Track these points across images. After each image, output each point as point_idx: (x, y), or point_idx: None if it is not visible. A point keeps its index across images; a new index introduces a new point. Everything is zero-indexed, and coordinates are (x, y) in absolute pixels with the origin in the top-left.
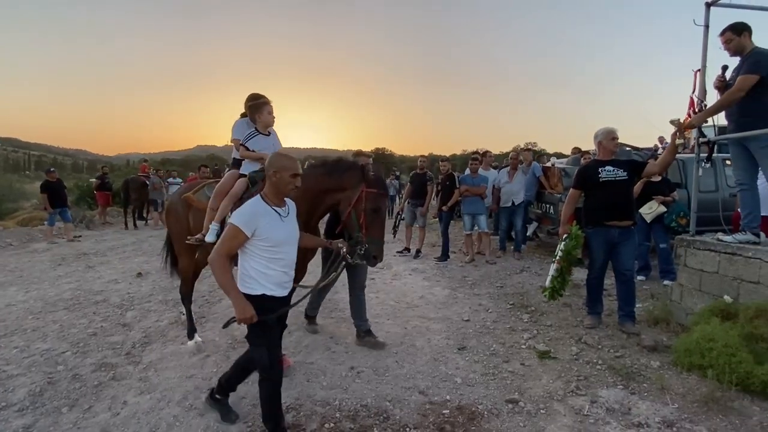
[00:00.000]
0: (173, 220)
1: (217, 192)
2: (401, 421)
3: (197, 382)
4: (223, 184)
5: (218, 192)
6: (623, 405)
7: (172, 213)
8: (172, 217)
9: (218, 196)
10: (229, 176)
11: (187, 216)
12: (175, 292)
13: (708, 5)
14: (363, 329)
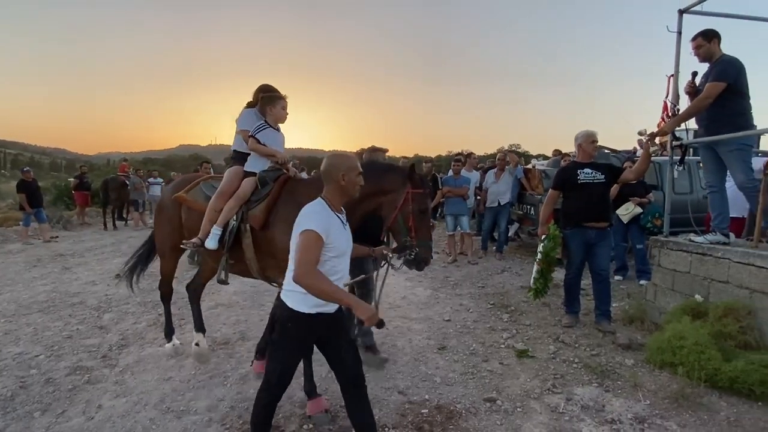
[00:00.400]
0: (163, 218)
1: (221, 192)
2: (380, 421)
3: (175, 384)
4: (228, 182)
5: (223, 192)
6: (597, 402)
7: (162, 211)
8: (163, 216)
9: (222, 196)
10: (234, 174)
11: (178, 216)
12: (154, 294)
13: (681, 12)
14: (366, 344)
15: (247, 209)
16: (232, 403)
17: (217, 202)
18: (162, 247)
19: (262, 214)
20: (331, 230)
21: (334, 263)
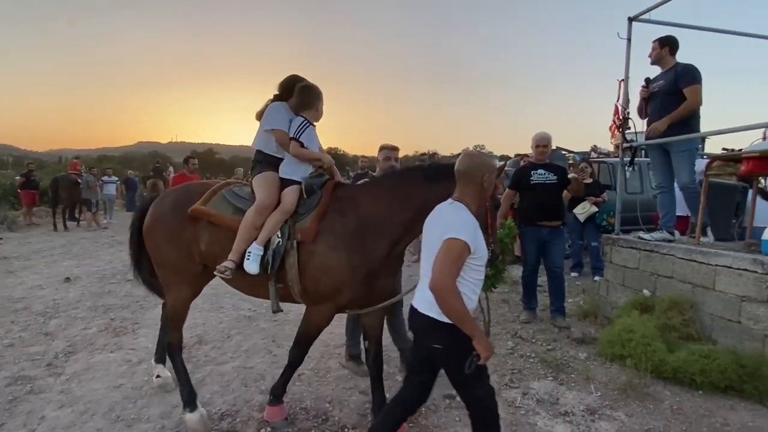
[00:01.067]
0: (162, 240)
1: (262, 205)
2: (340, 422)
3: (126, 392)
4: (268, 193)
5: (265, 205)
6: (552, 395)
7: (159, 228)
8: (160, 235)
9: (264, 210)
10: (271, 183)
11: (190, 235)
12: (106, 298)
13: (630, 20)
14: (351, 352)
15: (293, 222)
16: None
17: (258, 217)
18: (168, 276)
19: (314, 226)
20: (477, 238)
21: (479, 272)
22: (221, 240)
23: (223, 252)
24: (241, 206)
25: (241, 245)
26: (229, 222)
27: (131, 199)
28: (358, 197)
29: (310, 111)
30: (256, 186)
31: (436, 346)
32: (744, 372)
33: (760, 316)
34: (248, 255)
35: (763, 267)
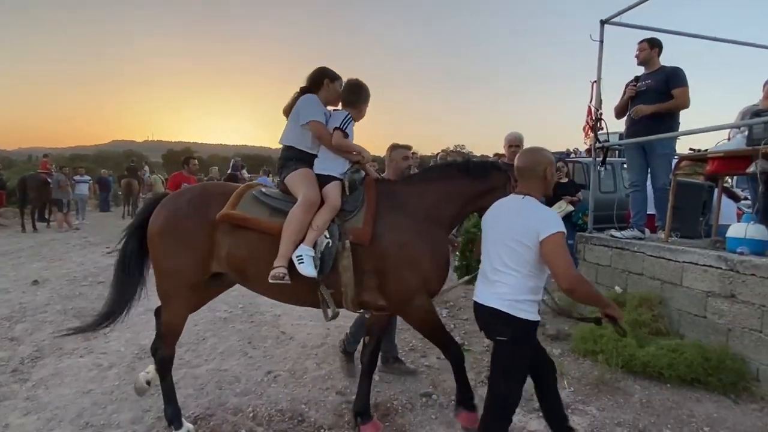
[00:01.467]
0: (174, 245)
1: (309, 202)
2: (316, 423)
3: (96, 397)
4: (312, 190)
5: (312, 202)
6: (527, 392)
7: (172, 234)
8: (173, 241)
9: (312, 207)
10: (311, 180)
11: (209, 239)
12: (77, 300)
13: (602, 23)
14: (392, 355)
15: (341, 221)
16: (159, 413)
17: (306, 215)
18: (171, 287)
19: (369, 226)
20: None
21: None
22: (252, 243)
23: (254, 255)
24: (279, 207)
25: (288, 248)
26: (266, 225)
27: (105, 200)
28: (404, 193)
29: (353, 109)
30: (292, 184)
31: (501, 338)
32: (709, 365)
33: (724, 310)
34: (299, 258)
35: (726, 263)
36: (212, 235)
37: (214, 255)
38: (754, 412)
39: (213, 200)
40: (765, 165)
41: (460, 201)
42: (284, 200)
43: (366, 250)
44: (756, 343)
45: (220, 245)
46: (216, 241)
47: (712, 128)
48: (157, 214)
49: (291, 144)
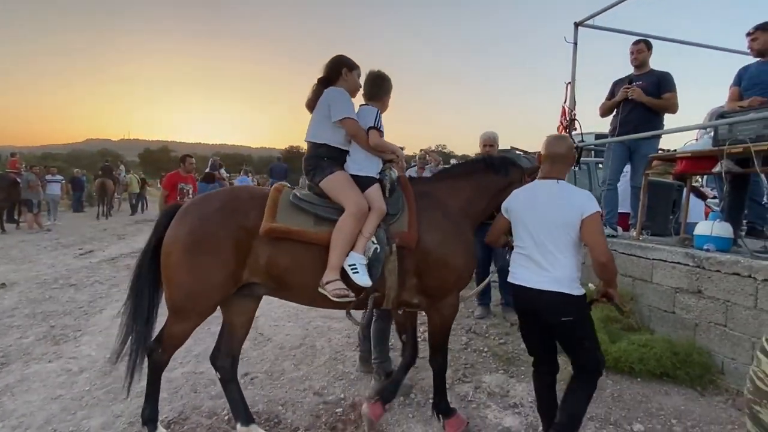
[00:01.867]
0: (203, 255)
1: (360, 212)
2: (293, 424)
3: (65, 403)
4: (362, 199)
5: (363, 212)
6: (503, 388)
7: (202, 243)
8: (201, 251)
9: (363, 216)
10: (352, 184)
11: (247, 252)
12: (46, 304)
13: (576, 25)
14: (384, 370)
15: (387, 226)
16: (131, 419)
17: (357, 224)
18: (192, 304)
19: (414, 229)
20: None
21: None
22: (296, 251)
23: (298, 263)
24: (323, 215)
25: (340, 259)
26: (314, 236)
27: (78, 200)
28: (438, 192)
29: (377, 102)
30: (333, 189)
31: (566, 318)
32: (677, 359)
33: (692, 306)
34: (353, 267)
35: (694, 260)
36: (249, 244)
37: (248, 264)
38: (719, 404)
39: (247, 207)
40: (729, 165)
41: (487, 196)
42: (325, 206)
43: (410, 252)
44: (721, 337)
45: (258, 254)
46: (253, 250)
47: (680, 129)
48: (179, 225)
49: (324, 141)
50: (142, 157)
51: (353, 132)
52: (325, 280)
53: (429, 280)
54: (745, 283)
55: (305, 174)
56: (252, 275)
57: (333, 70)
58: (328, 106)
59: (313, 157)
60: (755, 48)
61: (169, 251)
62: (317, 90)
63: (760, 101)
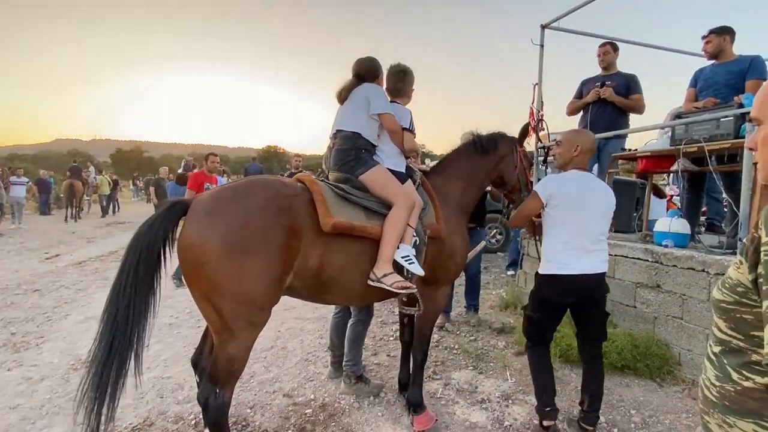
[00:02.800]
0: (250, 262)
1: (413, 205)
2: (261, 426)
3: (24, 412)
4: (406, 188)
5: (412, 204)
6: (471, 384)
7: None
8: (248, 258)
9: (412, 209)
10: (394, 179)
11: (296, 253)
12: (8, 311)
13: (543, 27)
14: (356, 372)
15: (420, 219)
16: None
17: (408, 215)
18: (241, 314)
19: (441, 219)
20: None
21: None
22: (345, 248)
23: (348, 262)
24: (371, 207)
25: (393, 251)
26: (372, 230)
27: (44, 202)
28: (443, 185)
29: (404, 98)
30: (378, 182)
31: (607, 294)
32: (637, 352)
33: (651, 300)
34: (408, 259)
35: (653, 255)
36: (298, 244)
37: (294, 267)
38: (676, 394)
39: (293, 202)
40: (686, 163)
41: (479, 180)
42: (369, 199)
43: (431, 244)
44: (677, 329)
45: (308, 257)
46: (302, 252)
47: (641, 129)
48: (210, 224)
49: (358, 131)
50: (114, 158)
51: (392, 128)
52: (380, 273)
53: (437, 269)
54: (699, 277)
55: (340, 165)
56: (294, 278)
57: (371, 72)
58: (367, 98)
59: (353, 149)
60: (708, 51)
61: (202, 258)
62: (353, 83)
63: (714, 102)
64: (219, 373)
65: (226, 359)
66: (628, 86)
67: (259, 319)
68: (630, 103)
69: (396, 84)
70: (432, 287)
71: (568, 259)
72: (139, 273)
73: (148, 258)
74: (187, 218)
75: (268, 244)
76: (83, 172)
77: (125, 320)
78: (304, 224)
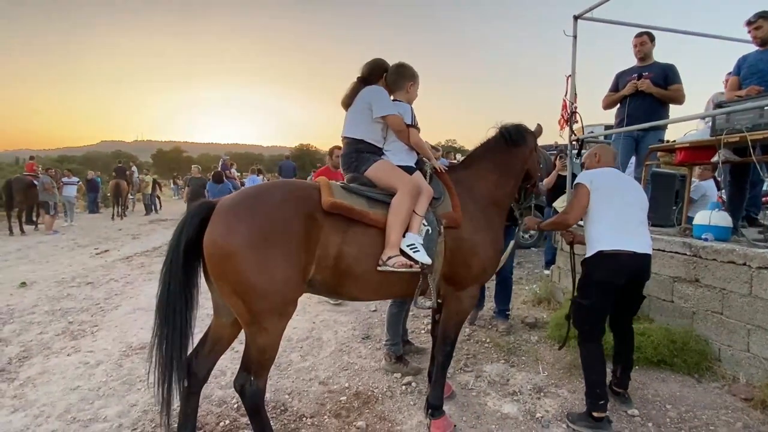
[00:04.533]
0: (276, 255)
1: (416, 189)
2: (298, 411)
3: (83, 393)
4: (408, 176)
5: (415, 188)
6: (503, 377)
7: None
8: (274, 252)
9: (416, 193)
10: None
11: (316, 244)
12: (64, 302)
13: (576, 18)
14: (396, 352)
15: (433, 208)
16: (145, 407)
17: (412, 201)
18: (269, 306)
19: (458, 209)
20: None
21: None
22: (358, 237)
23: (362, 251)
24: (374, 197)
25: (399, 237)
26: (373, 216)
27: (93, 201)
28: (469, 178)
29: (400, 92)
30: (381, 174)
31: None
32: (674, 347)
33: (689, 294)
34: (413, 247)
35: (691, 249)
36: (319, 236)
37: (316, 257)
38: (715, 390)
39: (310, 195)
40: (727, 154)
41: (513, 175)
42: (376, 192)
43: (449, 235)
44: (717, 325)
45: (328, 245)
46: (322, 241)
47: (679, 119)
48: (236, 222)
49: (361, 137)
50: (155, 158)
51: (397, 128)
52: (385, 257)
53: (458, 267)
54: (740, 271)
55: (346, 169)
56: (316, 271)
57: (373, 73)
58: (369, 103)
59: (354, 152)
60: (759, 36)
61: (227, 253)
62: (356, 88)
63: (758, 90)
64: (251, 363)
65: (258, 350)
66: (666, 76)
67: (285, 309)
68: (669, 94)
69: (389, 77)
70: (456, 287)
71: (616, 238)
72: (176, 269)
73: (181, 255)
74: (212, 217)
75: (289, 234)
76: (127, 172)
77: (172, 310)
78: (320, 213)
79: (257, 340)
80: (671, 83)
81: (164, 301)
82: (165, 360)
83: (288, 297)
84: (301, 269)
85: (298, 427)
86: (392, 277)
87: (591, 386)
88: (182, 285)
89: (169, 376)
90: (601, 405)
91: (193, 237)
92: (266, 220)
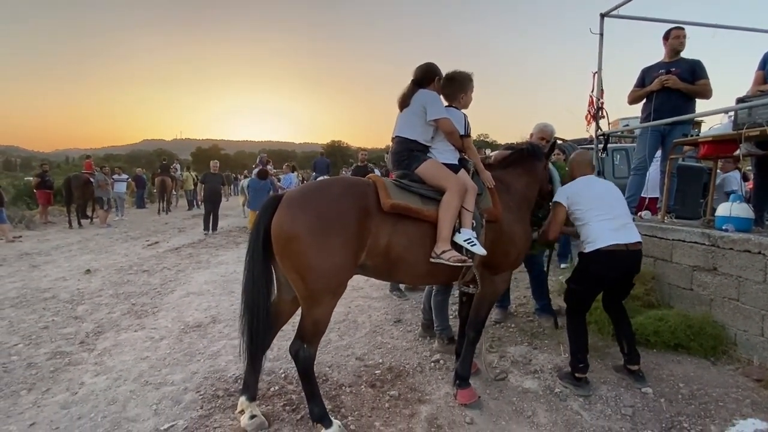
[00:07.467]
0: (333, 241)
1: (465, 188)
2: (338, 381)
3: (152, 362)
4: (457, 176)
5: (464, 188)
6: (525, 357)
7: (330, 229)
8: (331, 238)
9: (464, 192)
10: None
11: (368, 233)
12: (126, 286)
13: (602, 16)
14: (448, 334)
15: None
16: (205, 375)
17: (460, 199)
18: (324, 285)
19: (498, 204)
20: None
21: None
22: (408, 230)
23: (412, 242)
24: (427, 194)
25: (450, 232)
26: (427, 213)
27: (141, 197)
28: (507, 176)
29: (455, 102)
30: (431, 172)
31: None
32: (691, 331)
33: (708, 283)
34: (470, 241)
35: (710, 239)
36: (369, 226)
37: (367, 246)
38: (729, 372)
39: (365, 191)
40: (750, 148)
41: (538, 181)
42: (425, 188)
43: (489, 228)
44: (734, 311)
45: (378, 235)
46: (373, 231)
47: (701, 114)
48: (299, 211)
49: (414, 138)
50: (194, 156)
51: (449, 131)
52: (438, 251)
53: (497, 256)
54: (755, 259)
55: (397, 165)
56: (367, 257)
57: (425, 77)
58: (423, 106)
59: (405, 150)
60: None
61: (290, 236)
62: (411, 90)
63: None
64: (306, 332)
65: (312, 322)
66: (693, 71)
67: (337, 289)
68: (697, 89)
69: (444, 89)
70: (492, 271)
71: (609, 235)
72: (257, 256)
73: (261, 245)
74: (279, 207)
75: (345, 224)
76: (170, 169)
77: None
78: (373, 207)
79: (313, 312)
80: (698, 78)
81: (250, 284)
82: (252, 334)
83: (340, 278)
84: (353, 256)
85: (338, 393)
86: (440, 266)
87: (574, 353)
88: (263, 269)
89: (256, 348)
90: (581, 368)
91: (268, 227)
92: (325, 211)
